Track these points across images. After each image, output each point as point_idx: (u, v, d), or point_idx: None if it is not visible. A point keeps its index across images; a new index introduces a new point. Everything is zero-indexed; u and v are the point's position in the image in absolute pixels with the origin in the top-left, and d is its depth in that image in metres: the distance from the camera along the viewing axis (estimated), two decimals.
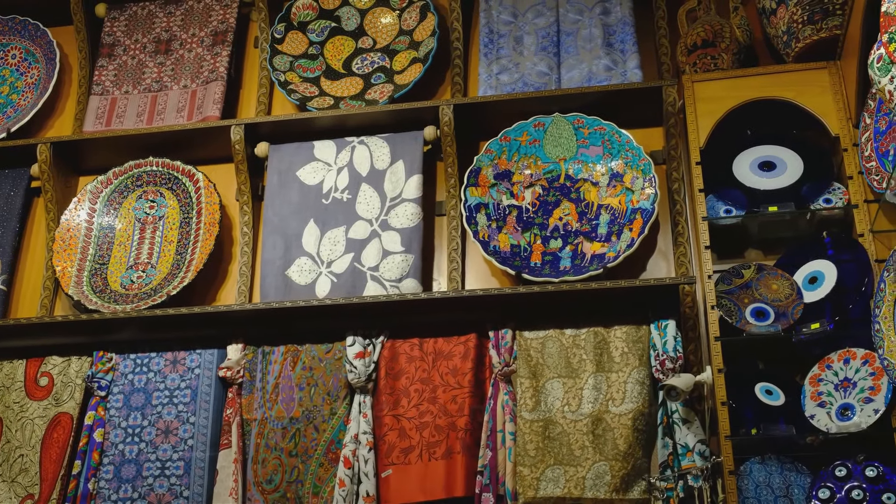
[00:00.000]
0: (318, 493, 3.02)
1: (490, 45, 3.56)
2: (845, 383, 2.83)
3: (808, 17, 3.13)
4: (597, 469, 2.88)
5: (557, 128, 3.35)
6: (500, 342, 3.09)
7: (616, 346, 3.03)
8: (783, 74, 3.19)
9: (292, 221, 3.38)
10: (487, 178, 3.33)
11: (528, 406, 3.00)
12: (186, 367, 3.25)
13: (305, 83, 3.62)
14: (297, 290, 3.27)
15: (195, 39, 3.77)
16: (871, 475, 2.70)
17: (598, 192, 3.27)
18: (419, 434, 3.04)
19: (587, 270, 3.09)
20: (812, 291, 2.97)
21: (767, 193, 3.10)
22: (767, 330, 2.89)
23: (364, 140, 3.45)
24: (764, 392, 2.89)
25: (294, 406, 3.14)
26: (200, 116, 3.59)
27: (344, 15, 3.76)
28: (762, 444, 2.83)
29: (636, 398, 2.94)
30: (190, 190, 3.51)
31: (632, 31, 3.46)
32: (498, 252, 3.20)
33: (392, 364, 3.15)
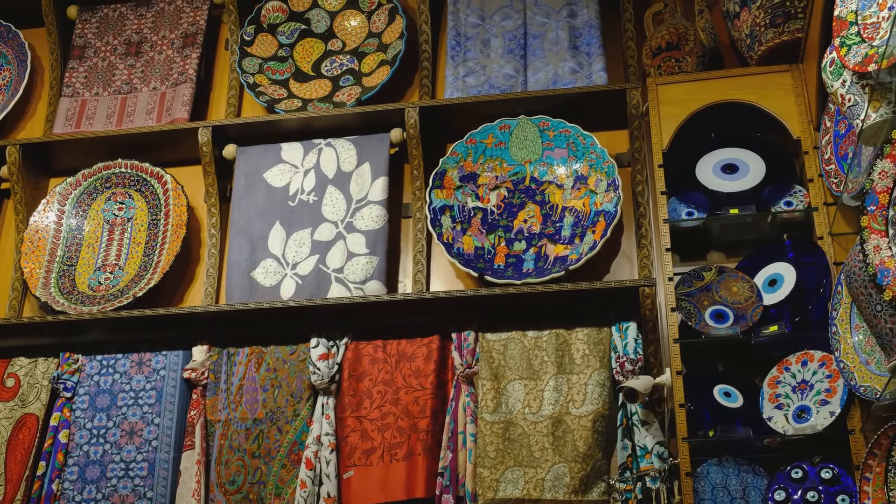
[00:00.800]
0: (281, 494, 3.03)
1: (457, 47, 3.57)
2: (802, 385, 2.84)
3: (771, 20, 3.14)
4: (556, 470, 2.89)
5: (523, 130, 3.36)
6: (463, 344, 3.11)
7: (577, 348, 3.04)
8: (746, 77, 3.20)
9: (258, 223, 3.39)
10: (453, 180, 3.34)
11: (489, 408, 3.01)
12: (152, 369, 3.26)
13: (274, 85, 3.63)
14: (262, 292, 3.28)
15: (165, 41, 3.78)
16: (827, 477, 2.71)
17: (562, 195, 3.29)
18: (381, 435, 3.05)
19: (549, 273, 3.10)
20: (771, 294, 2.98)
21: (729, 196, 3.11)
22: (726, 332, 2.90)
23: (331, 142, 3.47)
24: (722, 394, 2.90)
25: (258, 407, 3.15)
26: (169, 118, 3.60)
27: (314, 17, 3.77)
28: (720, 446, 2.84)
29: (596, 400, 2.96)
30: (158, 192, 3.52)
31: (598, 34, 3.48)
32: (462, 254, 3.21)
33: (355, 366, 3.16)
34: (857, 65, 2.39)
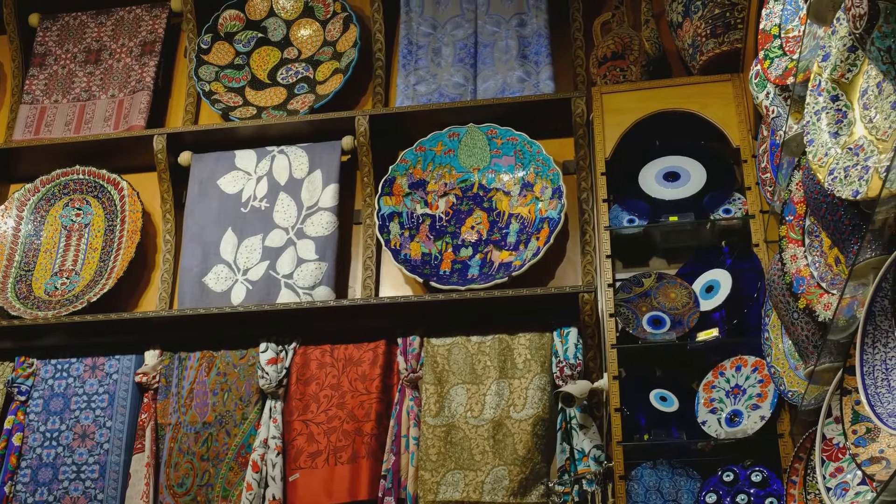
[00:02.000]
0: (228, 496, 3.09)
1: (409, 56, 3.62)
2: (736, 390, 2.89)
3: (711, 30, 3.19)
4: (496, 473, 2.94)
5: (472, 138, 3.41)
6: (408, 349, 3.16)
7: (520, 352, 3.10)
8: (689, 87, 3.26)
9: (211, 229, 3.44)
10: (402, 187, 3.39)
11: (431, 412, 3.07)
12: (105, 373, 3.32)
13: (230, 93, 3.69)
14: (213, 298, 3.34)
15: (124, 49, 3.84)
16: (757, 480, 2.77)
17: (509, 202, 3.34)
18: (327, 439, 3.10)
19: (493, 279, 3.16)
20: (708, 300, 3.03)
21: (670, 203, 3.16)
22: (662, 338, 2.96)
23: (284, 149, 3.52)
24: (658, 398, 2.96)
25: (208, 411, 3.20)
26: (126, 126, 3.66)
27: (270, 26, 3.82)
28: (654, 449, 2.90)
29: (537, 404, 3.01)
30: (115, 198, 3.57)
31: (546, 43, 3.53)
32: (408, 260, 3.27)
33: (303, 370, 3.21)
34: (778, 77, 2.45)
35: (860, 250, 1.80)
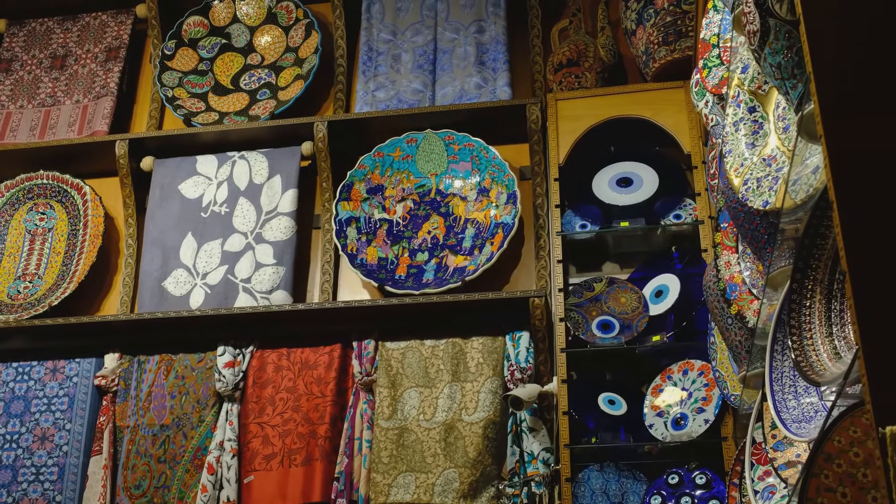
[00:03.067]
0: (184, 498, 3.12)
1: (368, 62, 3.66)
2: (682, 394, 2.93)
3: (663, 38, 3.23)
4: (446, 476, 2.98)
5: (429, 144, 3.45)
6: (363, 352, 3.20)
7: (472, 356, 3.14)
8: (642, 93, 3.29)
9: (171, 234, 3.48)
10: (360, 192, 3.43)
11: (384, 415, 3.10)
12: (65, 376, 3.35)
13: (193, 98, 3.72)
14: (172, 301, 3.37)
15: (90, 55, 3.87)
16: (701, 482, 2.81)
17: (465, 207, 3.38)
18: (282, 441, 3.14)
19: (447, 283, 3.20)
20: (658, 305, 3.07)
21: (622, 209, 3.20)
22: (611, 342, 3.00)
23: (245, 155, 3.56)
24: (606, 402, 3.00)
25: (165, 413, 3.24)
26: (90, 131, 3.69)
27: (234, 32, 3.86)
28: (602, 452, 2.93)
29: (488, 407, 3.05)
30: (78, 203, 3.61)
31: (504, 50, 3.57)
32: (364, 265, 3.30)
33: (260, 373, 3.25)
34: (715, 86, 2.49)
35: (775, 259, 1.84)
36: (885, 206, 1.24)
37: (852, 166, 1.27)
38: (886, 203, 1.24)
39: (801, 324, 1.50)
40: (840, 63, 1.34)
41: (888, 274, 1.21)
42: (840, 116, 1.30)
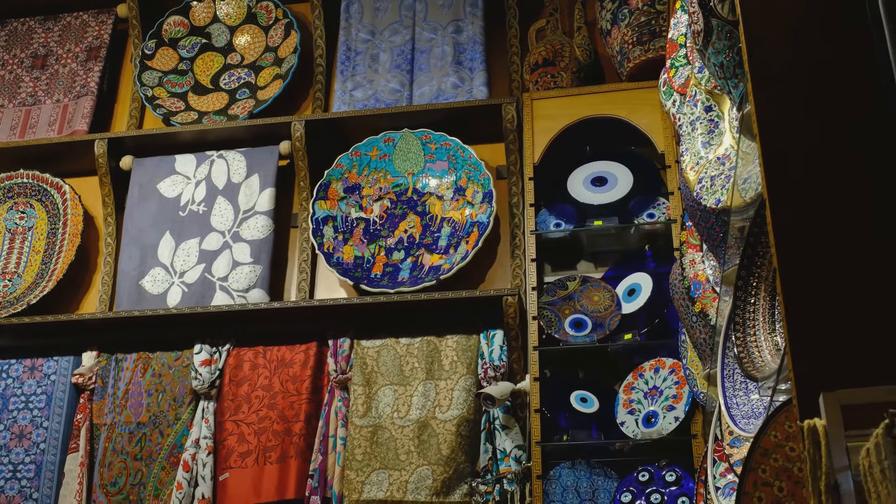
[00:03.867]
0: (159, 495, 3.14)
1: (347, 62, 3.68)
2: (653, 391, 2.95)
3: (638, 38, 3.25)
4: (420, 473, 3.00)
5: (406, 143, 3.47)
6: (339, 350, 3.21)
7: (447, 354, 3.15)
8: (617, 93, 3.31)
9: (149, 233, 3.50)
10: (337, 191, 3.45)
11: (359, 412, 3.12)
12: (43, 374, 3.37)
13: (173, 98, 3.74)
14: (150, 300, 3.39)
15: (70, 55, 3.89)
16: (671, 480, 2.83)
17: (442, 206, 3.40)
18: (257, 439, 3.15)
19: (423, 282, 3.21)
20: (630, 303, 3.09)
21: (596, 208, 3.22)
22: (583, 340, 3.02)
23: (223, 154, 3.58)
24: (579, 400, 3.01)
25: (142, 411, 3.26)
26: (70, 130, 3.71)
27: (214, 32, 3.87)
28: (574, 449, 2.95)
29: (462, 405, 3.06)
30: (58, 202, 3.63)
31: (481, 50, 3.58)
32: (341, 263, 3.32)
33: (236, 371, 3.27)
34: (681, 86, 2.50)
35: (729, 257, 1.85)
36: (817, 206, 1.26)
37: (786, 166, 1.29)
38: (818, 203, 1.26)
39: (745, 320, 1.52)
40: (777, 64, 1.35)
41: (817, 272, 1.22)
42: (775, 117, 1.32)
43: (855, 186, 1.25)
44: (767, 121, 1.31)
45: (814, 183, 1.27)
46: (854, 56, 1.33)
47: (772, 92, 1.33)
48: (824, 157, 1.29)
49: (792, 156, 1.29)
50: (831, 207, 1.25)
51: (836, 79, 1.33)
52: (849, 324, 1.19)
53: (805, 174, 1.27)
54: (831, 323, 1.19)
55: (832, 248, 1.23)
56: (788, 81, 1.34)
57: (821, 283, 1.22)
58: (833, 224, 1.24)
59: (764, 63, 1.35)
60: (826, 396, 1.06)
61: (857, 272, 1.21)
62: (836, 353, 1.17)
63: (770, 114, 1.32)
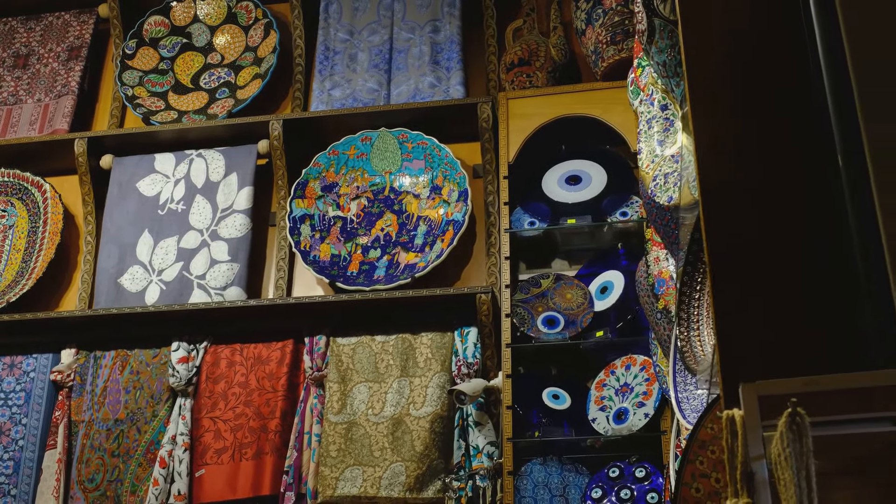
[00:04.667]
0: (136, 491, 3.17)
1: (325, 61, 3.70)
2: (624, 388, 2.98)
3: (611, 37, 3.27)
4: (393, 469, 3.02)
5: (384, 142, 3.49)
6: (314, 348, 3.24)
7: (421, 352, 3.18)
8: (591, 92, 3.33)
9: (128, 231, 3.52)
10: (314, 190, 3.47)
11: (334, 409, 3.15)
12: (22, 371, 3.39)
13: (153, 97, 3.76)
14: (128, 297, 3.42)
15: (52, 54, 3.91)
16: (640, 476, 2.85)
17: (418, 204, 3.42)
18: (233, 435, 3.18)
19: (398, 279, 3.24)
20: (602, 301, 3.11)
21: (570, 206, 3.24)
22: (555, 337, 3.04)
23: (202, 153, 3.60)
24: (551, 397, 3.04)
25: (120, 408, 3.28)
26: (51, 129, 3.73)
27: (195, 31, 3.90)
28: (546, 446, 2.98)
29: (435, 402, 3.09)
30: (38, 200, 3.65)
31: (458, 49, 3.61)
32: (317, 261, 3.35)
33: (213, 368, 3.29)
34: (645, 85, 2.53)
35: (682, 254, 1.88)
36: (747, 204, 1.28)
37: (718, 164, 1.31)
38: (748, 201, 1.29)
39: (689, 315, 1.54)
40: (713, 63, 1.38)
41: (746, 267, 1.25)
42: (710, 115, 1.35)
43: (785, 186, 1.28)
44: (702, 119, 1.34)
45: (745, 182, 1.29)
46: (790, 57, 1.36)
47: (708, 91, 1.36)
48: (757, 156, 1.31)
49: (725, 154, 1.32)
50: (761, 206, 1.27)
51: (772, 79, 1.36)
52: (774, 317, 1.21)
53: (736, 173, 1.30)
54: (757, 316, 1.22)
55: (760, 246, 1.25)
56: (724, 80, 1.37)
57: (749, 278, 1.24)
58: (762, 222, 1.26)
59: (701, 62, 1.38)
60: (744, 387, 1.09)
61: (783, 268, 1.23)
62: (761, 346, 1.20)
63: (705, 112, 1.34)
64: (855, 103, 1.21)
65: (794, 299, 1.22)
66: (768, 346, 1.21)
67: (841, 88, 1.25)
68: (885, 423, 1.05)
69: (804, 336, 1.20)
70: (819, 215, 1.25)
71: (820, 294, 1.22)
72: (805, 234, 1.24)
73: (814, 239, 1.24)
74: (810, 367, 1.17)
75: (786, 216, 1.26)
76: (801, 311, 1.22)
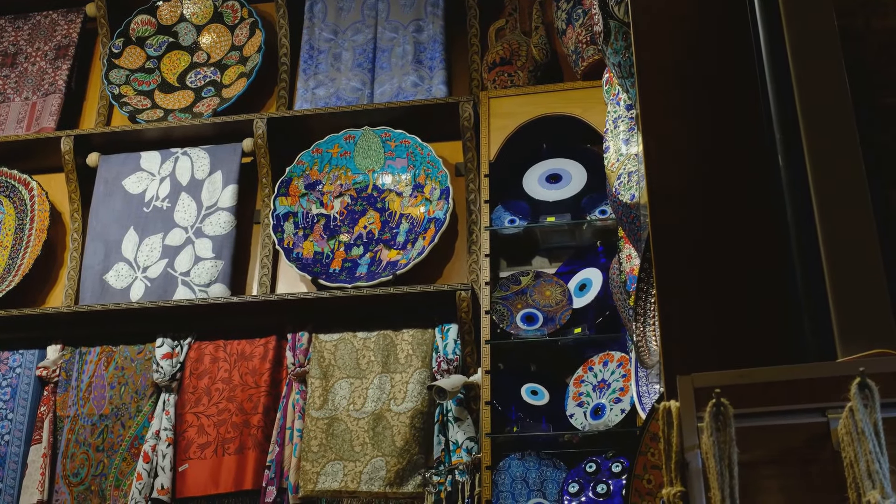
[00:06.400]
0: (120, 486, 3.20)
1: (310, 61, 3.73)
2: (601, 384, 3.01)
3: (591, 37, 3.30)
4: (374, 464, 3.06)
5: (367, 140, 3.53)
6: (297, 344, 3.27)
7: (402, 348, 3.21)
8: (572, 91, 3.37)
9: (114, 228, 3.56)
10: (298, 188, 3.51)
11: (315, 405, 3.18)
12: (8, 367, 3.43)
13: (139, 96, 3.80)
14: (113, 294, 3.45)
15: (39, 53, 3.95)
16: (617, 470, 2.89)
17: (401, 202, 3.46)
18: (216, 431, 3.21)
19: (379, 277, 3.27)
20: (581, 298, 3.15)
21: (550, 204, 3.28)
22: (534, 334, 3.08)
23: (187, 151, 3.63)
24: (529, 392, 3.08)
25: (105, 404, 3.32)
26: (38, 128, 3.77)
27: (181, 30, 3.93)
28: (524, 441, 3.01)
29: (416, 398, 3.12)
30: (25, 198, 3.68)
31: (441, 49, 3.64)
32: (300, 258, 3.38)
33: (197, 364, 3.33)
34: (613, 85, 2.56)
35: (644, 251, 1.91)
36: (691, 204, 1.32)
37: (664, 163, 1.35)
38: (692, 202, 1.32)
39: (646, 311, 1.58)
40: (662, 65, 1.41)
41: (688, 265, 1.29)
42: (658, 116, 1.38)
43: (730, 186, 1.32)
44: (652, 120, 1.37)
45: (689, 182, 1.33)
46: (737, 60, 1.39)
47: (657, 92, 1.39)
48: (703, 156, 1.35)
49: (672, 154, 1.35)
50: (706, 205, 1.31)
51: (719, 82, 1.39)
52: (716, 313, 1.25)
53: (680, 173, 1.33)
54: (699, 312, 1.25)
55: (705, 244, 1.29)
56: (674, 82, 1.40)
57: (692, 275, 1.28)
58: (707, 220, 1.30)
59: (651, 64, 1.41)
60: (681, 380, 1.12)
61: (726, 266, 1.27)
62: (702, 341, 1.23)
63: (654, 113, 1.38)
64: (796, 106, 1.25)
65: (736, 296, 1.26)
66: (710, 341, 1.24)
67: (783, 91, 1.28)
68: (814, 414, 1.08)
69: (744, 331, 1.24)
70: (761, 215, 1.29)
71: (760, 291, 1.25)
72: (747, 233, 1.28)
73: (755, 237, 1.28)
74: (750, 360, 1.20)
75: (729, 215, 1.30)
76: (743, 308, 1.25)
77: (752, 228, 1.28)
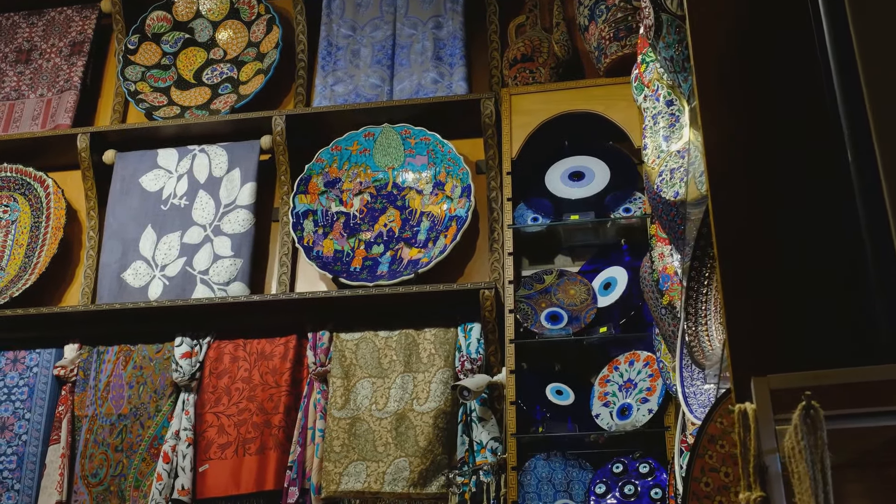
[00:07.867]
0: (139, 486, 3.17)
1: (328, 57, 3.70)
2: (628, 384, 2.98)
3: (614, 34, 3.27)
4: (397, 464, 3.03)
5: (386, 138, 3.49)
6: (318, 343, 3.24)
7: (425, 347, 3.18)
8: (594, 88, 3.33)
9: (131, 226, 3.52)
10: (317, 185, 3.47)
11: (337, 405, 3.15)
12: (26, 366, 3.39)
13: (155, 93, 3.76)
14: (131, 293, 3.42)
15: (54, 49, 3.91)
16: (644, 471, 2.86)
17: (421, 200, 3.42)
18: (237, 430, 3.18)
19: (401, 275, 3.24)
20: (606, 296, 3.12)
21: (573, 202, 3.25)
22: (559, 333, 3.05)
23: (205, 148, 3.60)
24: (554, 392, 3.04)
25: (123, 403, 3.28)
26: (53, 125, 3.73)
27: (197, 27, 3.90)
28: (549, 441, 2.98)
29: (439, 397, 3.09)
30: (41, 195, 3.65)
31: (461, 45, 3.61)
32: (320, 257, 3.35)
33: (216, 364, 3.29)
34: (650, 81, 2.53)
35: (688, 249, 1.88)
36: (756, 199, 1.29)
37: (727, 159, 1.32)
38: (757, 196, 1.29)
39: (697, 310, 1.54)
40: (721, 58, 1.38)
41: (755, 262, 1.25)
42: (718, 111, 1.35)
43: (793, 181, 1.28)
44: (711, 114, 1.34)
45: (754, 177, 1.30)
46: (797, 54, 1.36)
47: (715, 85, 1.36)
48: (765, 150, 1.31)
49: (733, 150, 1.32)
50: (769, 200, 1.28)
51: (780, 73, 1.36)
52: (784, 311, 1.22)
53: (746, 168, 1.30)
54: (767, 310, 1.22)
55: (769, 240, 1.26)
56: (732, 75, 1.37)
57: (758, 272, 1.25)
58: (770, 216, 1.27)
59: (708, 57, 1.38)
60: (756, 381, 1.09)
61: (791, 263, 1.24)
62: (770, 340, 1.20)
63: (713, 107, 1.35)
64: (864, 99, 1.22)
65: (803, 294, 1.22)
66: (778, 341, 1.21)
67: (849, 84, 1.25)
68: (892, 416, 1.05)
69: (813, 330, 1.20)
70: (828, 209, 1.26)
71: (829, 288, 1.22)
72: (814, 229, 1.25)
73: (822, 233, 1.24)
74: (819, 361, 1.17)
75: (794, 211, 1.27)
76: (810, 306, 1.22)
77: (819, 223, 1.25)
